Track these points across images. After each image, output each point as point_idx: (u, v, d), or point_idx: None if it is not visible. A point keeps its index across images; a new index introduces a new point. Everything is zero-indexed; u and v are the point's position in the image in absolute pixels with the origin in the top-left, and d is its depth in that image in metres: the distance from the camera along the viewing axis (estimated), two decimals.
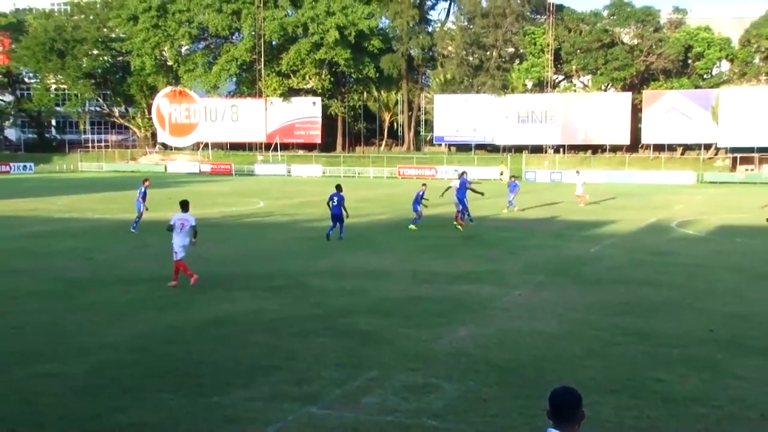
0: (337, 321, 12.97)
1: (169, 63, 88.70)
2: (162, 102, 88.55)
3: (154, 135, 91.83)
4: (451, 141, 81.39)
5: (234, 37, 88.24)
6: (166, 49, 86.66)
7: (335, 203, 23.61)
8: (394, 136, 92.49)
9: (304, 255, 20.86)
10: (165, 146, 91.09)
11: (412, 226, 26.71)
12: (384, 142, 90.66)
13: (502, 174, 64.35)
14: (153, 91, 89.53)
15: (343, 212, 23.63)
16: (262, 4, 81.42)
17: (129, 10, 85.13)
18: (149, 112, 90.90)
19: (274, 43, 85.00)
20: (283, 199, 41.42)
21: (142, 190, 26.34)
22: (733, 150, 69.22)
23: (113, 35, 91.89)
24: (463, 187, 27.87)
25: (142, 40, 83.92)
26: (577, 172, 42.38)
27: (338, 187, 24.25)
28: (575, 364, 10.54)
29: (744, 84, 72.58)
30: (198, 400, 9.03)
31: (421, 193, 27.80)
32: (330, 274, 17.72)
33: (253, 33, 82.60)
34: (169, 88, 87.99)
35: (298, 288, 16.00)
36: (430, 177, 64.31)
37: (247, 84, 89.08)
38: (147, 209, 26.34)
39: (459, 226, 26.99)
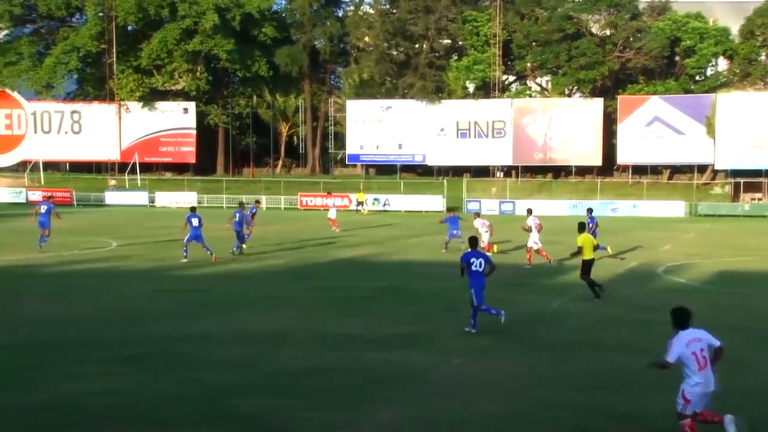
0: (215, 403, 12.80)
1: None
2: None
3: None
4: (369, 161, 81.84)
5: (74, 20, 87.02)
6: None
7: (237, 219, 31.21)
8: (294, 155, 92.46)
9: (173, 314, 20.56)
10: None
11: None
12: (281, 162, 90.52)
13: (361, 205, 64.85)
14: None
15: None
16: None
17: None
18: None
19: (130, 28, 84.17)
20: (145, 239, 40.78)
21: (51, 207, 34.37)
22: (735, 173, 71.41)
23: None
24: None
25: None
26: None
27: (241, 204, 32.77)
28: None
29: (747, 88, 74.64)
30: None
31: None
32: (207, 338, 17.50)
33: (101, 14, 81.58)
34: None
35: (162, 358, 15.74)
36: (342, 208, 64.33)
37: (93, 83, 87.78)
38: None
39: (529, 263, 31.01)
